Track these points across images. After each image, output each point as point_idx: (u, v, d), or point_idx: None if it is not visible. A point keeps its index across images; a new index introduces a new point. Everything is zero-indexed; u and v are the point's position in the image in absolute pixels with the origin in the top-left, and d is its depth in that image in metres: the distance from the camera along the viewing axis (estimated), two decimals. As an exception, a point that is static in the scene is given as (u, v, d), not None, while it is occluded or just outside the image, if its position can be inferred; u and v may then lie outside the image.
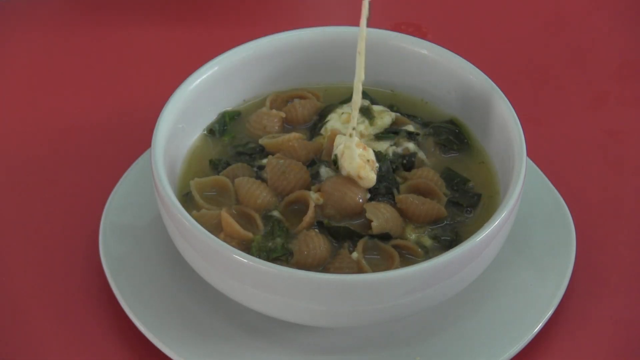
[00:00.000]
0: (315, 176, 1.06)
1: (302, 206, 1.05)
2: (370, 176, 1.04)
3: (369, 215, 1.02)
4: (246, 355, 1.02)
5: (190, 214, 0.99)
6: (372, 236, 1.02)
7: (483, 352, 1.02)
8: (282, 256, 1.01)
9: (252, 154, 1.11)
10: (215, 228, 1.02)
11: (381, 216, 1.02)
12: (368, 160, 1.05)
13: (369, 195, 1.05)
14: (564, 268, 1.09)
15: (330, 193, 1.04)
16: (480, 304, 1.06)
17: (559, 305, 1.06)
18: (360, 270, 0.99)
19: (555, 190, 1.16)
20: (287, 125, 1.15)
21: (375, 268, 1.00)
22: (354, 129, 1.04)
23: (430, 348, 1.03)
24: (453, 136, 1.13)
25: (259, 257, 0.99)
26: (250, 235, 1.02)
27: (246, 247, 1.01)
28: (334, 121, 1.13)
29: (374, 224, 1.02)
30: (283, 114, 1.14)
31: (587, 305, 1.09)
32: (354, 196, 1.03)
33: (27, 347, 1.06)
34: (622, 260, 1.14)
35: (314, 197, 1.04)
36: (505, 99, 1.09)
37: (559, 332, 1.06)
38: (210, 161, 1.11)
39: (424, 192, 1.07)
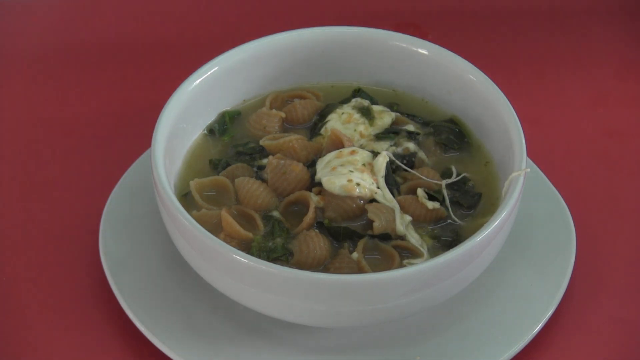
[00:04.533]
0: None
1: (302, 207, 1.05)
2: (364, 192, 1.04)
3: (370, 215, 1.02)
4: (246, 355, 1.02)
5: (190, 213, 0.99)
6: (372, 236, 1.02)
7: (483, 352, 1.02)
8: (282, 256, 1.01)
9: (252, 154, 1.11)
10: (215, 228, 1.02)
11: (383, 217, 1.02)
12: (364, 164, 1.06)
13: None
14: (564, 268, 1.09)
15: (330, 196, 1.04)
16: (480, 304, 1.06)
17: (559, 305, 1.06)
18: (360, 270, 0.99)
19: (555, 190, 1.16)
20: (287, 125, 1.15)
21: (375, 268, 1.00)
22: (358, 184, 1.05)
23: (430, 348, 1.03)
24: (454, 135, 1.13)
25: (259, 257, 0.99)
26: (250, 235, 1.01)
27: (246, 247, 1.01)
28: (334, 121, 1.13)
29: (375, 224, 1.02)
30: (283, 114, 1.14)
31: (587, 305, 1.09)
32: (354, 198, 1.03)
33: (27, 346, 1.06)
34: (622, 260, 1.14)
35: (314, 199, 1.04)
36: (505, 99, 1.09)
37: (559, 332, 1.06)
38: (210, 161, 1.11)
39: (424, 192, 1.07)
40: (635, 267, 1.14)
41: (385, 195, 1.04)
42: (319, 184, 1.05)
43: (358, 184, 1.03)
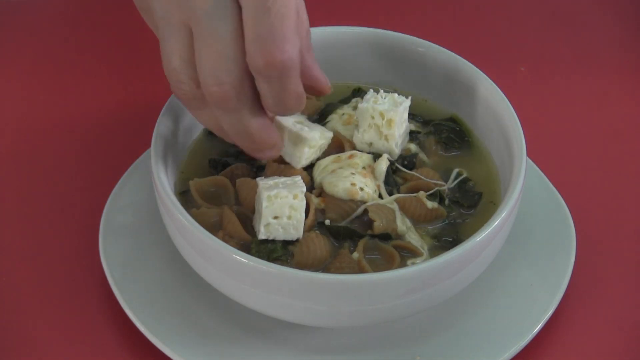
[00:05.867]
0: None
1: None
2: (367, 195, 1.04)
3: (372, 215, 1.02)
4: (246, 355, 1.02)
5: (189, 212, 0.99)
6: (373, 236, 1.02)
7: (483, 352, 1.02)
8: (281, 256, 1.00)
9: (251, 154, 1.10)
10: (214, 226, 1.02)
11: (383, 216, 1.02)
12: (364, 167, 1.06)
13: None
14: (564, 268, 1.09)
15: (331, 198, 1.03)
16: (480, 304, 1.06)
17: (559, 305, 1.06)
18: (360, 270, 0.99)
19: (555, 190, 1.16)
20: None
21: (376, 268, 1.00)
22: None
23: (430, 348, 1.03)
24: (454, 134, 1.13)
25: (259, 257, 0.98)
26: (249, 237, 1.01)
27: (246, 247, 1.01)
28: (334, 122, 1.13)
29: (376, 224, 1.02)
30: (283, 114, 1.14)
31: (587, 305, 1.09)
32: (356, 201, 1.03)
33: (27, 346, 1.06)
34: (622, 260, 1.14)
35: (315, 201, 1.04)
36: (505, 98, 1.09)
37: (559, 332, 1.06)
38: (210, 161, 1.11)
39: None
40: (635, 267, 1.14)
41: (385, 199, 1.04)
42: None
43: (362, 189, 1.03)
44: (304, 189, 1.00)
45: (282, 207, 0.99)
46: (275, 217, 0.99)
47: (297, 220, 1.00)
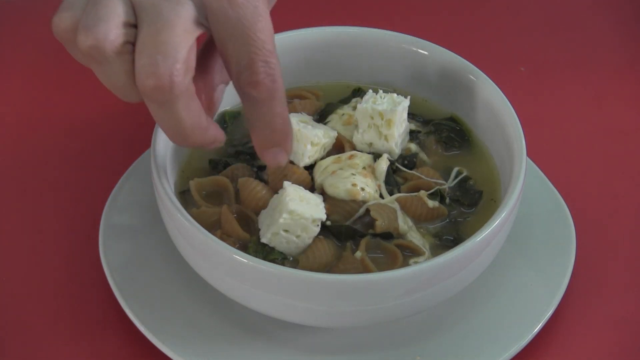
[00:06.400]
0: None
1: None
2: (368, 194, 1.04)
3: (373, 214, 1.02)
4: (246, 355, 1.02)
5: (189, 211, 0.99)
6: (374, 235, 1.02)
7: (483, 352, 1.02)
8: (278, 259, 1.00)
9: (252, 154, 1.10)
10: (213, 226, 1.02)
11: (385, 216, 1.02)
12: (364, 167, 1.06)
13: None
14: (564, 268, 1.09)
15: (333, 199, 1.03)
16: (480, 304, 1.06)
17: (559, 305, 1.06)
18: (364, 268, 0.99)
19: (555, 190, 1.16)
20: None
21: (379, 267, 1.00)
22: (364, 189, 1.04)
23: (430, 348, 1.03)
24: (454, 133, 1.13)
25: (256, 256, 0.98)
26: (247, 235, 1.01)
27: (243, 246, 1.01)
28: (334, 122, 1.13)
29: (378, 223, 1.01)
30: (282, 114, 1.14)
31: (587, 305, 1.09)
32: (358, 201, 1.03)
33: (26, 347, 1.06)
34: (622, 259, 1.14)
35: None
36: (505, 99, 1.09)
37: (559, 332, 1.06)
38: (210, 161, 1.11)
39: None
40: (635, 267, 1.14)
41: (386, 199, 1.04)
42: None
43: (363, 189, 1.03)
44: (324, 218, 1.00)
45: (297, 226, 0.99)
46: (286, 231, 0.99)
47: (304, 242, 1.00)
